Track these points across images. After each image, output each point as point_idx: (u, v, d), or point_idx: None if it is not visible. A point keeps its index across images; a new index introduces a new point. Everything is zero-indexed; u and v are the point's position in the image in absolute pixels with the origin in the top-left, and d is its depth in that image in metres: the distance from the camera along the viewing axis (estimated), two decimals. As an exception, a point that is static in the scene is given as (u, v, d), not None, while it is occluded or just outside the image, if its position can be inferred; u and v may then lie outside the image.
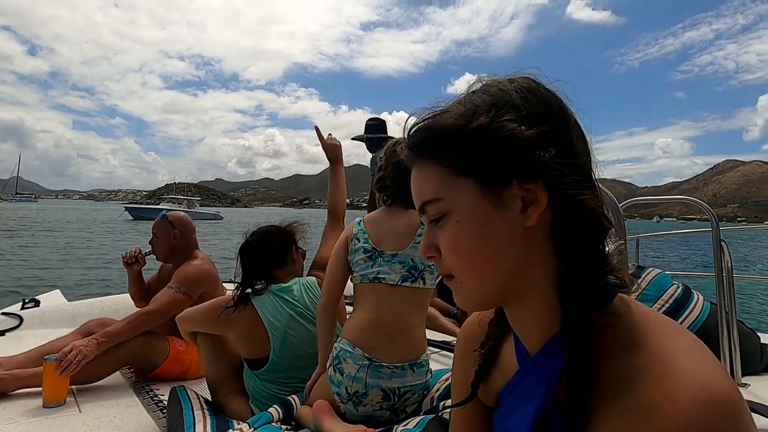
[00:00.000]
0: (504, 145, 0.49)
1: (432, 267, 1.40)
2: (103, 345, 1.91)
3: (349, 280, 1.51)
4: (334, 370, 1.34)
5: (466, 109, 0.52)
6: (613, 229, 0.53)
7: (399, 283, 1.39)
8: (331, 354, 1.38)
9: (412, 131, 0.55)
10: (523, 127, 0.49)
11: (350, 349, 1.32)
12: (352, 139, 3.89)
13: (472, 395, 0.64)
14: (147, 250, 2.46)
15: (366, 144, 3.68)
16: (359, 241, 1.45)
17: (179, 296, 2.08)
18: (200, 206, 61.60)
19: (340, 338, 1.39)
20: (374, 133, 3.66)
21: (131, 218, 44.92)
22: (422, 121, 0.55)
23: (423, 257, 0.56)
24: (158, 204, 56.94)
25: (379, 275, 1.39)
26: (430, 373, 1.41)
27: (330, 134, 2.11)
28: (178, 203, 51.91)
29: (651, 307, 2.13)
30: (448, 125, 0.51)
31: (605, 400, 0.46)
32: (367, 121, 3.75)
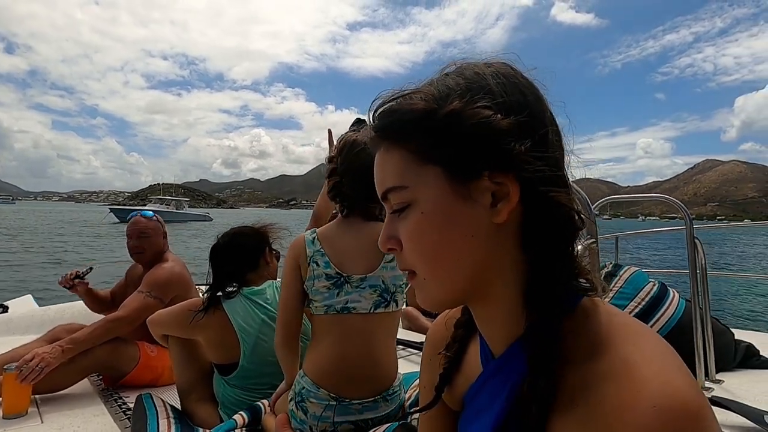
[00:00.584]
0: (477, 133, 0.46)
1: (403, 286, 1.26)
2: (68, 352, 1.84)
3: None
4: (297, 407, 1.18)
5: (438, 92, 0.48)
6: (584, 229, 0.51)
7: (371, 311, 1.21)
8: (293, 387, 1.22)
9: (378, 113, 0.51)
10: (498, 116, 0.46)
11: (314, 390, 1.17)
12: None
13: (435, 399, 0.62)
14: (85, 269, 2.34)
15: None
16: (318, 265, 1.21)
17: (150, 301, 2.02)
18: (189, 207, 59.80)
19: (301, 373, 1.22)
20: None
21: (116, 220, 42.98)
22: (390, 102, 0.51)
23: (382, 249, 0.52)
24: (144, 205, 55.30)
25: (347, 304, 1.20)
26: (403, 391, 1.30)
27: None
28: (166, 204, 49.81)
29: (627, 304, 2.14)
30: (417, 108, 0.48)
31: (566, 406, 0.44)
32: (356, 120, 3.77)
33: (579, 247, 0.53)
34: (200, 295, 3.16)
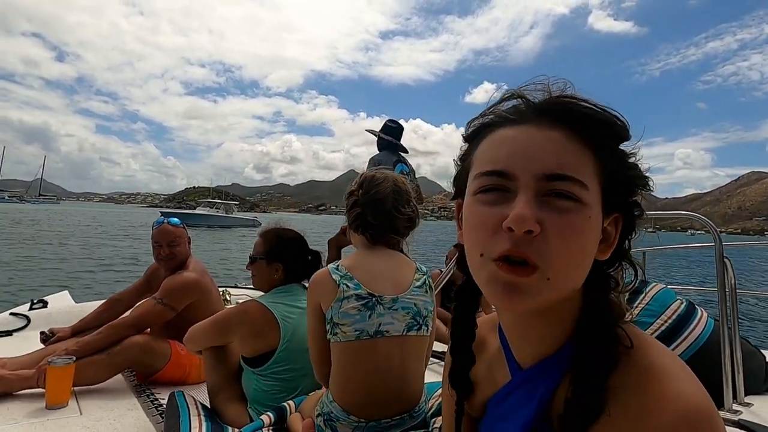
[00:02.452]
0: (633, 182, 0.52)
1: (433, 311, 1.26)
2: (75, 353, 1.93)
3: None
4: (325, 425, 1.19)
5: (622, 120, 0.51)
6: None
7: (404, 333, 1.19)
8: (319, 403, 1.24)
9: (559, 96, 0.51)
10: (646, 174, 0.53)
11: (344, 416, 1.16)
12: (366, 130, 3.99)
13: (458, 421, 0.65)
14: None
15: (378, 142, 3.76)
16: (348, 287, 1.18)
17: (159, 308, 2.12)
18: (238, 211, 57.43)
19: (330, 397, 1.20)
20: (389, 134, 3.73)
21: None
22: (600, 108, 0.50)
23: (519, 225, 0.46)
24: (194, 209, 52.15)
25: (380, 327, 1.17)
26: (426, 403, 1.30)
27: None
28: (216, 208, 48.20)
29: (653, 322, 2.11)
30: (621, 127, 0.51)
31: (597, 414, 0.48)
32: (387, 121, 3.83)
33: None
34: (226, 297, 3.24)
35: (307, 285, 1.65)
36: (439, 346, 2.48)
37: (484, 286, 0.51)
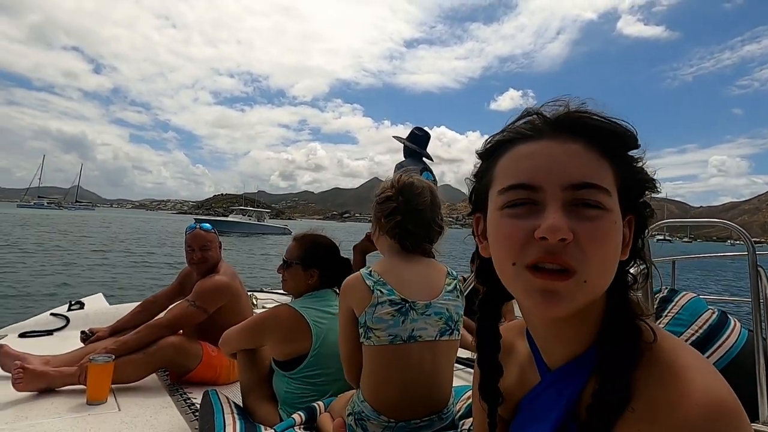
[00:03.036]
0: (643, 185, 0.56)
1: (461, 316, 1.30)
2: (114, 352, 2.02)
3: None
4: (356, 424, 1.22)
5: (633, 132, 0.54)
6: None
7: (437, 339, 1.22)
8: (350, 403, 1.27)
9: (575, 111, 0.54)
10: (654, 178, 0.56)
11: (374, 416, 1.19)
12: (393, 137, 4.01)
13: (492, 422, 0.67)
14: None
15: (404, 149, 3.78)
16: (382, 292, 1.20)
17: (192, 310, 2.21)
18: (269, 219, 56.48)
19: (361, 397, 1.23)
20: (415, 143, 3.75)
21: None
22: (613, 121, 0.54)
23: (553, 234, 0.48)
24: (227, 216, 51.98)
25: (414, 333, 1.19)
26: (455, 405, 1.33)
27: None
28: (249, 216, 47.99)
29: (684, 331, 2.07)
30: (634, 139, 0.54)
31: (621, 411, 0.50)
32: (414, 128, 3.85)
33: (632, 270, 0.59)
34: (252, 301, 3.31)
35: (338, 290, 1.69)
36: (462, 352, 2.49)
37: (520, 294, 0.53)
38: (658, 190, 0.57)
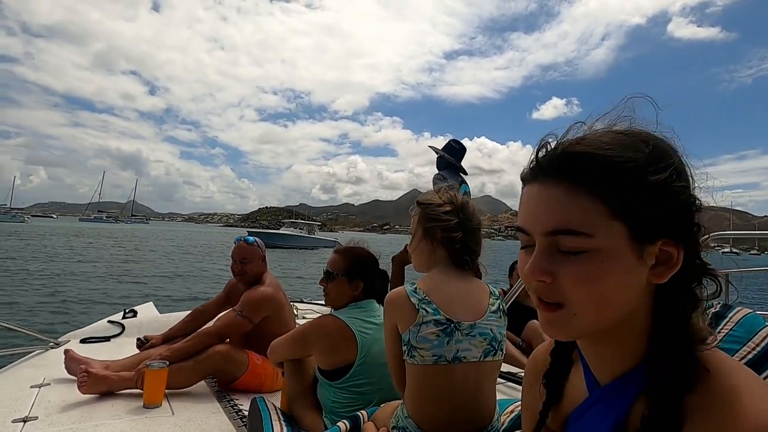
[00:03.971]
0: (673, 207, 0.51)
1: (505, 336, 1.30)
2: (168, 359, 2.13)
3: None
4: None
5: (645, 156, 0.51)
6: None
7: (481, 359, 1.22)
8: (394, 417, 1.28)
9: (572, 155, 0.53)
10: (694, 196, 0.52)
11: None
12: (429, 146, 3.99)
13: (540, 423, 0.68)
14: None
15: (437, 160, 3.76)
16: (427, 312, 1.20)
17: (239, 320, 2.30)
18: (320, 231, 55.63)
19: (405, 413, 1.23)
20: (451, 154, 3.71)
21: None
22: (590, 151, 0.52)
23: (530, 279, 0.53)
24: (278, 228, 50.67)
25: (458, 354, 1.19)
26: (499, 420, 1.33)
27: None
28: (300, 228, 47.51)
29: (739, 349, 1.98)
30: (629, 169, 0.50)
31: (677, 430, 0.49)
32: (451, 140, 3.81)
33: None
34: (294, 311, 3.40)
35: (378, 301, 1.73)
36: (504, 367, 2.46)
37: None
38: (698, 208, 0.52)
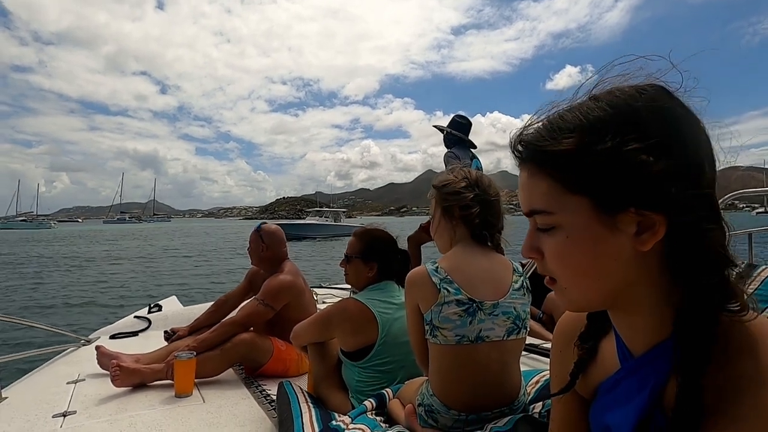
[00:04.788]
0: (629, 174, 0.47)
1: (528, 313, 1.30)
2: (195, 349, 2.19)
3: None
4: (426, 415, 1.24)
5: (589, 124, 0.50)
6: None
7: (504, 338, 1.22)
8: (419, 394, 1.29)
9: (525, 137, 0.55)
10: (651, 159, 0.46)
11: (444, 410, 1.21)
12: (434, 126, 3.88)
13: (570, 384, 0.67)
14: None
15: (444, 138, 3.67)
16: (449, 291, 1.19)
17: (261, 308, 2.35)
18: (346, 218, 52.71)
19: (430, 391, 1.24)
20: (458, 129, 3.62)
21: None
22: (536, 131, 0.54)
23: (524, 255, 0.57)
24: (304, 218, 48.78)
25: (481, 333, 1.18)
26: (525, 393, 1.32)
27: None
28: (325, 217, 45.61)
29: (766, 309, 1.94)
30: (568, 142, 0.50)
31: (715, 406, 0.47)
32: (455, 116, 3.69)
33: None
34: (314, 297, 3.46)
35: (397, 282, 1.74)
36: (527, 339, 2.47)
37: None
38: (645, 168, 0.46)
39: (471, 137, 3.66)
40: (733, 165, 0.51)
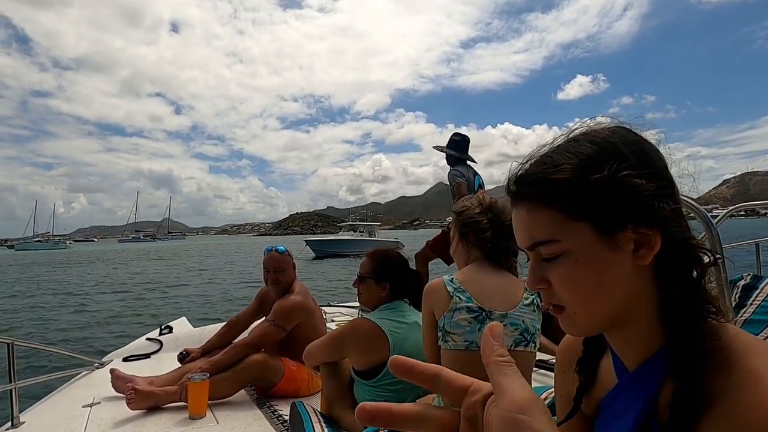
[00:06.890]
0: (626, 197, 0.53)
1: (539, 330, 1.34)
2: (208, 371, 2.22)
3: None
4: None
5: (580, 158, 0.55)
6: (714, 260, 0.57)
7: (512, 348, 1.27)
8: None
9: (522, 179, 0.59)
10: (644, 181, 0.53)
11: None
12: (434, 147, 3.99)
13: (574, 410, 0.70)
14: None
15: (447, 157, 3.80)
16: (461, 299, 1.27)
17: (272, 329, 2.38)
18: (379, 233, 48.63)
19: (438, 400, 1.24)
20: (455, 149, 3.74)
21: (313, 256, 32.79)
22: (533, 170, 0.58)
23: (531, 288, 0.60)
24: (337, 233, 46.50)
25: None
26: None
27: None
28: (360, 232, 42.03)
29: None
30: (566, 177, 0.55)
31: (706, 412, 0.50)
32: (452, 135, 3.84)
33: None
34: (323, 316, 3.48)
35: (408, 301, 1.78)
36: (537, 355, 2.47)
37: None
38: (638, 190, 0.53)
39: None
40: (753, 170, 0.56)
